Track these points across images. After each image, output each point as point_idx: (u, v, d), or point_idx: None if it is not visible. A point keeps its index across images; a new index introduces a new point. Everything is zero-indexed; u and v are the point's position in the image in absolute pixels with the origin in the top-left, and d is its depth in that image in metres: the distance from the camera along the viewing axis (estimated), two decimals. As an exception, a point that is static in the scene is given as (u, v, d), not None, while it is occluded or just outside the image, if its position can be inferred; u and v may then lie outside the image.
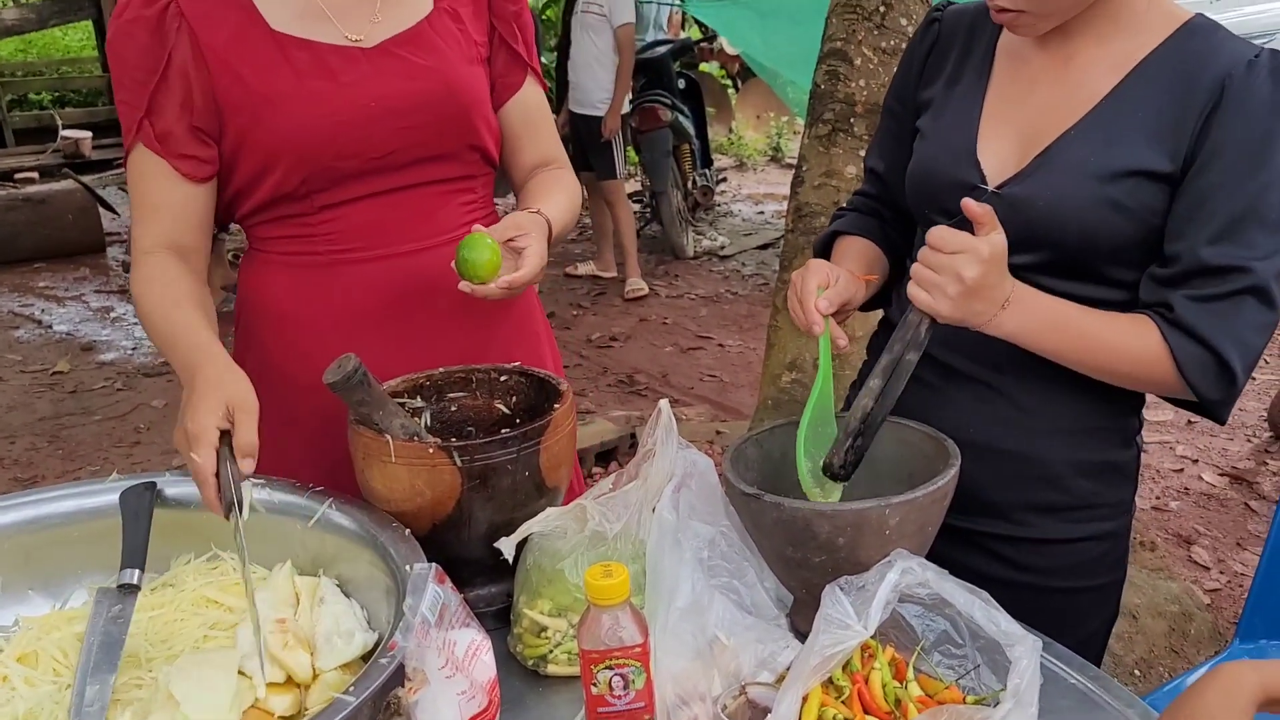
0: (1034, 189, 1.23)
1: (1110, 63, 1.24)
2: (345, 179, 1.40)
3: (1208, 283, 1.17)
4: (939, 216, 1.29)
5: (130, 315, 6.19)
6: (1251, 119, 1.16)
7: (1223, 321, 1.16)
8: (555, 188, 1.54)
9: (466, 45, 1.47)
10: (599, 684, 1.00)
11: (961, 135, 1.32)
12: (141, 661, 1.11)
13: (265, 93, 1.35)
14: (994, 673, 1.05)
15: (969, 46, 1.38)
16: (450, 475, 1.19)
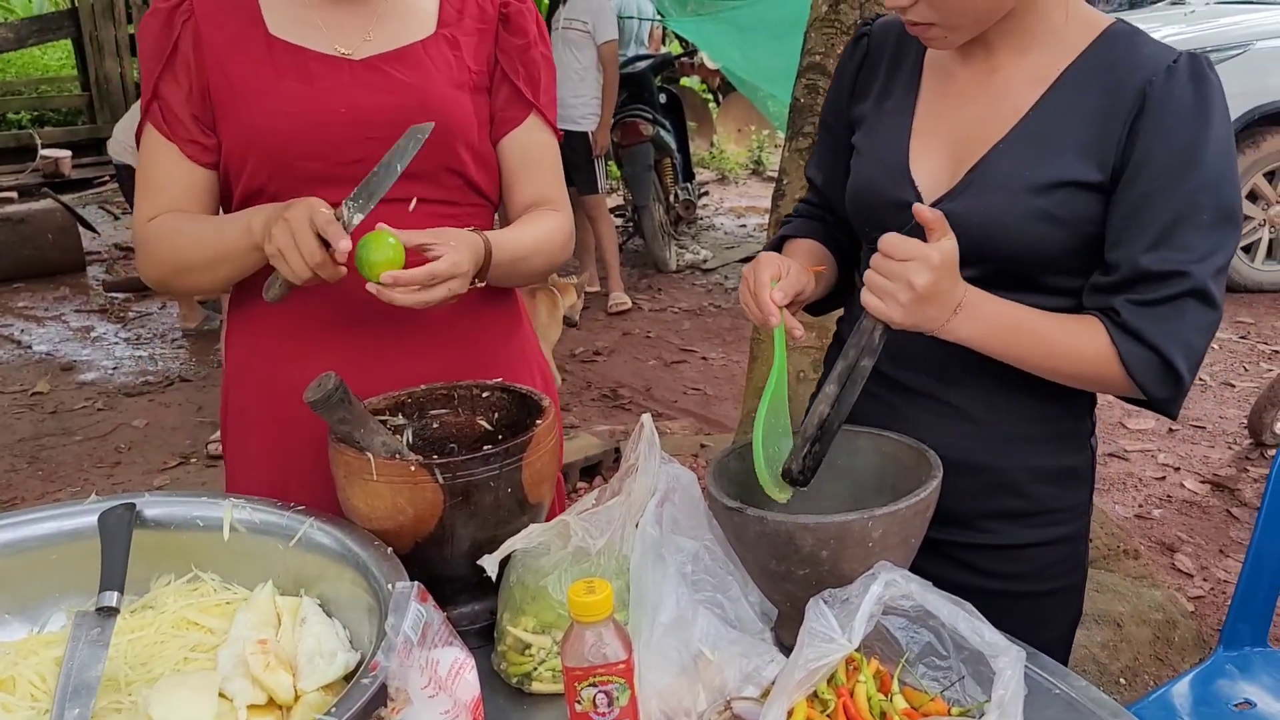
0: (968, 205, 1.25)
1: (1032, 74, 1.26)
2: (314, 183, 1.40)
3: (1149, 288, 1.19)
4: (878, 233, 1.28)
5: (111, 335, 6.15)
6: (1176, 125, 1.18)
7: (1166, 325, 1.19)
8: (527, 222, 1.53)
9: (458, 70, 1.47)
10: (583, 701, 0.99)
11: (894, 152, 1.33)
12: (121, 685, 1.09)
13: (243, 88, 1.41)
14: (979, 684, 1.05)
15: (897, 61, 1.39)
16: (432, 493, 1.19)
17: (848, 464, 1.29)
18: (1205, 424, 4.30)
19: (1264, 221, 5.88)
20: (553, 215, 1.55)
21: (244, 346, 1.54)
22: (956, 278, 1.17)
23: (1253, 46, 5.58)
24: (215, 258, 1.41)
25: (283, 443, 1.49)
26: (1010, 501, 1.34)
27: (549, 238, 1.52)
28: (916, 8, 1.21)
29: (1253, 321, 5.48)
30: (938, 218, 1.14)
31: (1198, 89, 1.18)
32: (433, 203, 1.47)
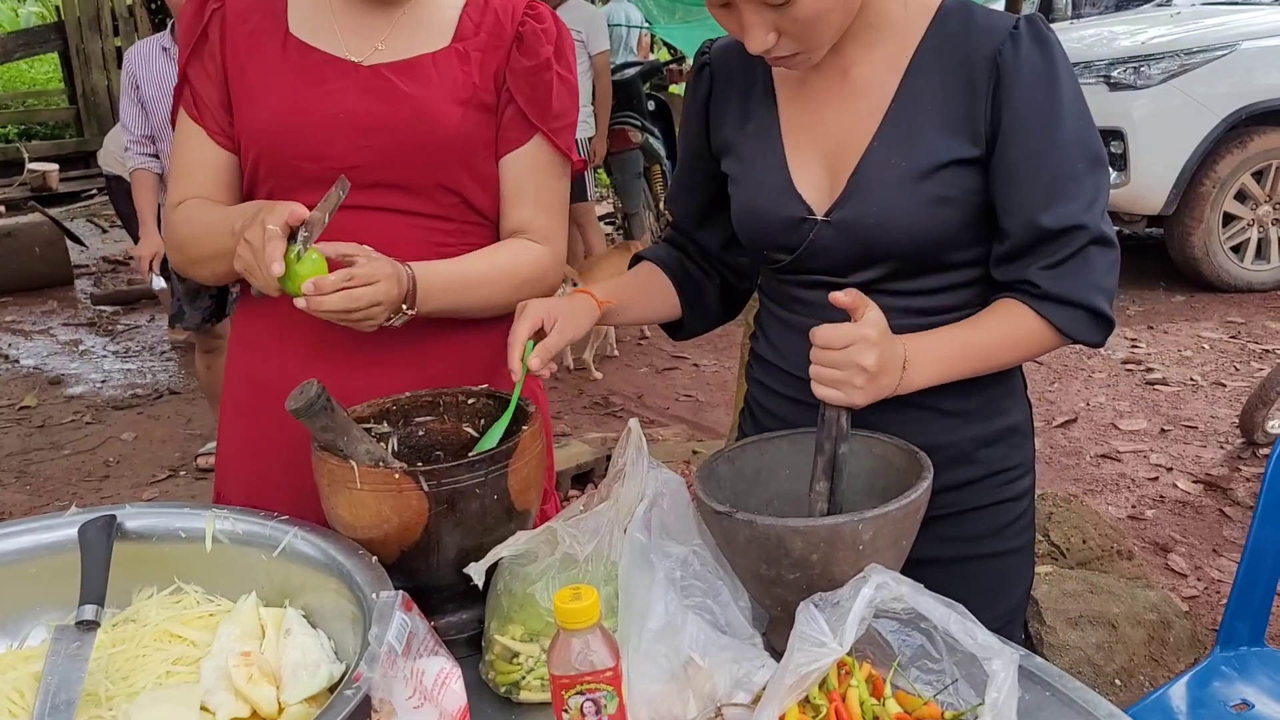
0: (859, 208, 1.27)
1: (884, 65, 1.28)
2: (309, 184, 1.40)
3: (1053, 248, 1.24)
4: (778, 254, 1.35)
5: (99, 348, 6.13)
6: (1033, 88, 1.23)
7: (1081, 279, 1.25)
8: (487, 250, 1.49)
9: (464, 86, 1.44)
10: (570, 710, 0.97)
11: (773, 172, 1.33)
12: (101, 700, 1.08)
13: (255, 83, 1.44)
14: (972, 686, 1.04)
15: (746, 81, 1.39)
16: (417, 501, 1.17)
17: (838, 466, 1.27)
18: (1197, 424, 4.30)
19: (1252, 221, 5.90)
20: (526, 245, 1.50)
21: (242, 337, 1.56)
22: (893, 340, 1.19)
23: (1239, 47, 5.60)
24: (214, 254, 1.43)
25: (264, 444, 1.49)
26: (961, 472, 1.36)
27: (508, 266, 1.47)
28: (780, 44, 1.21)
29: (1243, 321, 5.50)
30: (856, 297, 1.16)
31: (1043, 50, 1.23)
32: (426, 217, 1.45)
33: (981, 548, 1.40)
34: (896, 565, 1.13)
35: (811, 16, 1.18)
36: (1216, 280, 5.91)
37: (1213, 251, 5.84)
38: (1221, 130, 5.61)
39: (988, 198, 1.27)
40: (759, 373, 1.49)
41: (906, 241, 1.27)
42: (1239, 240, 5.91)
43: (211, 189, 1.48)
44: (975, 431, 1.36)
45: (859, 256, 1.29)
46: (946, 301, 1.32)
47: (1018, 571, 1.45)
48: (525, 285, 1.49)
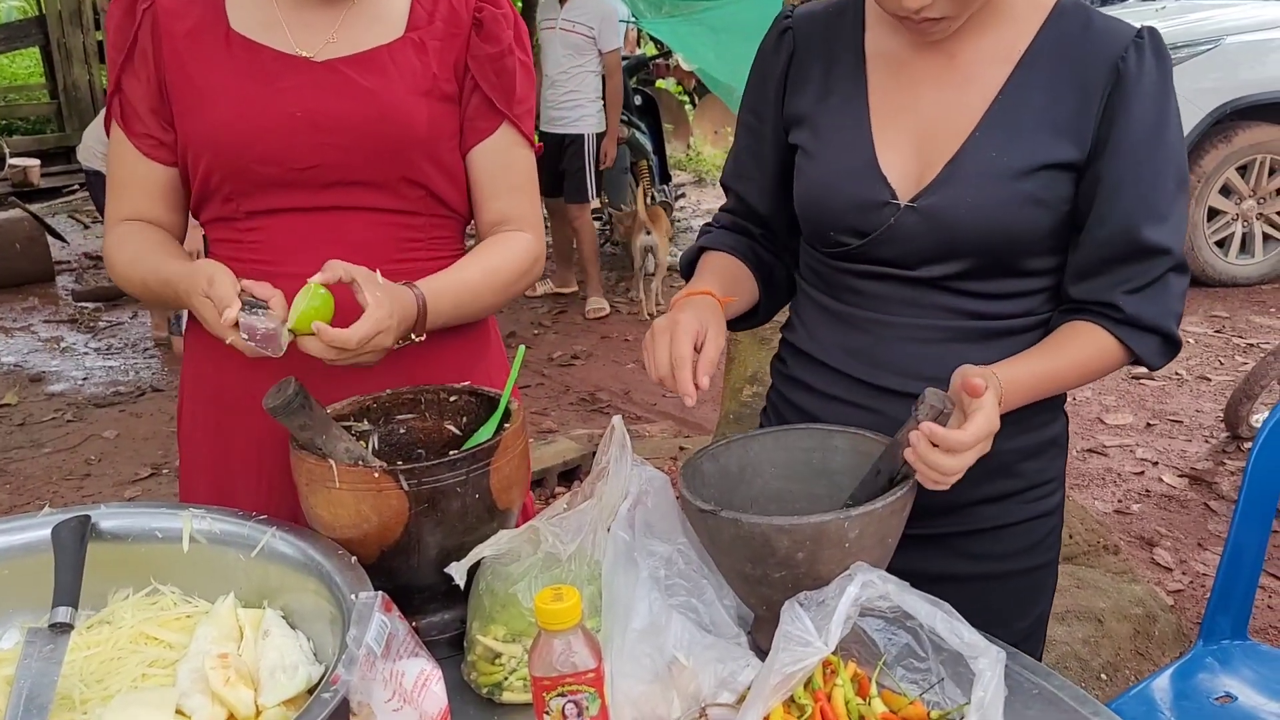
0: (952, 198, 1.22)
1: (994, 55, 1.24)
2: (269, 187, 1.38)
3: (1139, 269, 1.23)
4: (846, 237, 1.28)
5: (81, 345, 6.08)
6: (1148, 99, 1.20)
7: (1162, 304, 1.24)
8: (477, 253, 1.47)
9: (423, 77, 1.41)
10: (551, 712, 0.96)
11: (857, 151, 1.27)
12: (75, 703, 1.06)
13: (199, 85, 1.38)
14: (958, 685, 1.03)
15: (832, 54, 1.33)
16: (397, 500, 1.16)
17: (823, 464, 1.26)
18: (1182, 418, 4.32)
19: (1237, 216, 5.92)
20: (514, 238, 1.48)
21: (203, 351, 1.49)
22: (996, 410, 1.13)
23: (1223, 42, 5.62)
24: (151, 298, 1.43)
25: (229, 451, 1.46)
26: (1001, 484, 1.33)
27: (505, 266, 1.45)
28: (936, 4, 1.16)
29: (1227, 315, 5.52)
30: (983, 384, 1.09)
31: (1160, 64, 1.21)
32: (393, 213, 1.42)
33: (1014, 564, 1.37)
34: (882, 563, 1.12)
35: None
36: (1201, 275, 5.93)
37: (1198, 246, 5.86)
38: (1206, 125, 5.63)
39: (1071, 206, 1.24)
40: (793, 367, 1.42)
41: (993, 238, 1.23)
42: (1223, 235, 5.93)
43: (148, 206, 1.44)
44: (1018, 443, 1.31)
45: (938, 248, 1.24)
46: (1008, 309, 1.28)
47: (1045, 584, 1.43)
48: (521, 278, 1.48)
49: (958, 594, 1.22)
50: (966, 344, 1.27)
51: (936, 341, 1.27)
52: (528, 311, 6.45)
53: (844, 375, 1.33)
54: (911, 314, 1.28)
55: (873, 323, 1.30)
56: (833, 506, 1.19)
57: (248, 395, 1.35)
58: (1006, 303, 1.28)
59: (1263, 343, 5.04)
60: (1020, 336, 1.29)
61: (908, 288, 1.28)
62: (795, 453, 1.27)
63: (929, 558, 1.30)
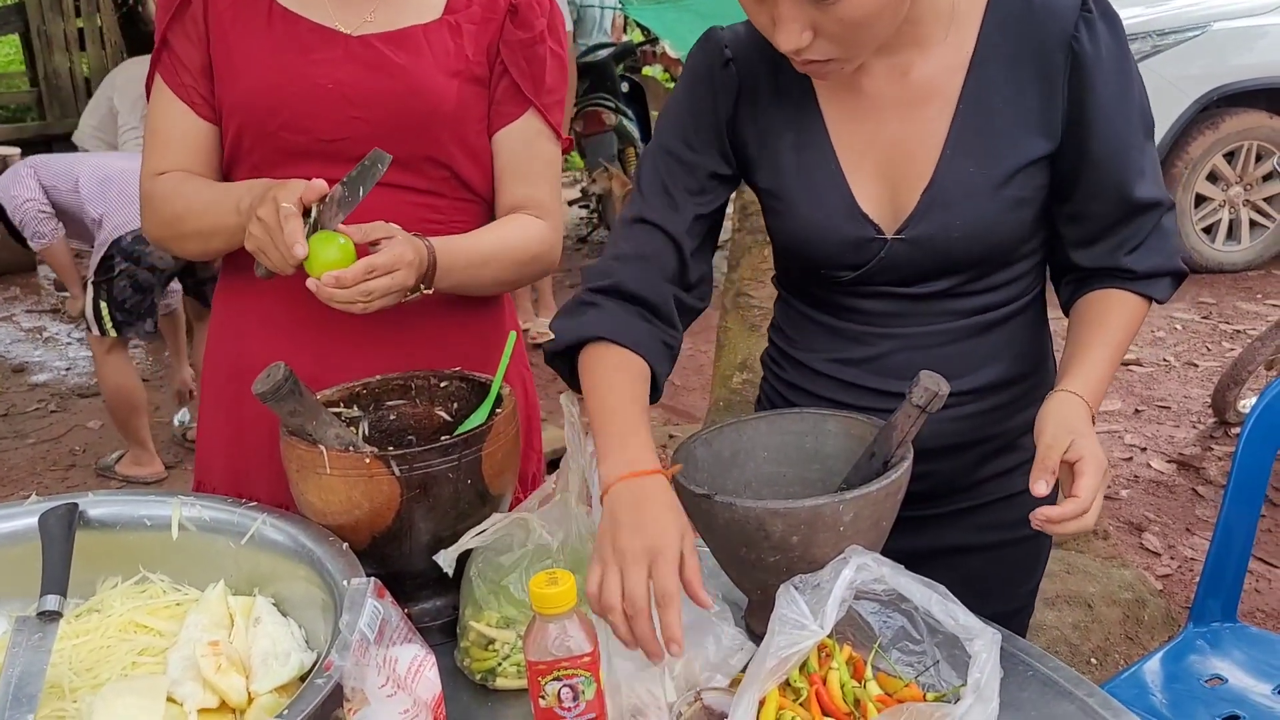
0: (940, 223, 1.20)
1: (945, 63, 1.19)
2: (295, 157, 1.38)
3: (1136, 227, 1.23)
4: (839, 272, 1.26)
5: (64, 335, 6.03)
6: (1109, 69, 1.18)
7: (1164, 251, 1.25)
8: (493, 226, 1.46)
9: (456, 59, 1.42)
10: (547, 696, 0.96)
11: (832, 192, 1.22)
12: (65, 692, 1.05)
13: (238, 51, 1.40)
14: (953, 668, 1.03)
15: (779, 88, 1.24)
16: (388, 486, 1.15)
17: (817, 448, 1.26)
18: (1170, 404, 4.33)
19: (1224, 202, 5.94)
20: (531, 221, 1.47)
21: (226, 322, 1.52)
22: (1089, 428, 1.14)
23: (1210, 28, 5.62)
24: (208, 229, 1.39)
25: (245, 426, 1.46)
26: (1009, 459, 1.34)
27: (518, 243, 1.45)
28: (815, 45, 1.07)
29: (1214, 302, 5.54)
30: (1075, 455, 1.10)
31: (1111, 26, 1.18)
32: (416, 192, 1.42)
33: (1021, 530, 1.33)
34: (877, 546, 1.12)
35: (858, 19, 1.05)
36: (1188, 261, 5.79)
37: (1185, 233, 5.87)
38: (1194, 111, 5.63)
39: (1053, 187, 1.23)
40: (789, 372, 1.39)
41: (991, 248, 1.22)
42: (1210, 222, 5.94)
43: (190, 162, 1.44)
44: (1018, 421, 1.31)
45: (933, 269, 1.23)
46: (1003, 296, 1.28)
47: (1045, 548, 1.45)
48: (534, 262, 1.47)
49: (972, 563, 1.34)
50: (969, 340, 1.27)
51: (940, 345, 1.27)
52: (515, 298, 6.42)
53: (844, 383, 1.31)
54: (915, 323, 1.27)
55: (876, 336, 1.29)
56: (826, 490, 1.19)
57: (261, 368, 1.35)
58: (1001, 291, 1.27)
59: (1249, 329, 5.06)
60: (1017, 319, 1.30)
61: (908, 302, 1.27)
62: (788, 437, 1.27)
63: (944, 533, 1.35)
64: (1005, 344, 1.29)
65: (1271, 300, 5.46)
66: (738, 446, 1.27)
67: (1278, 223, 5.95)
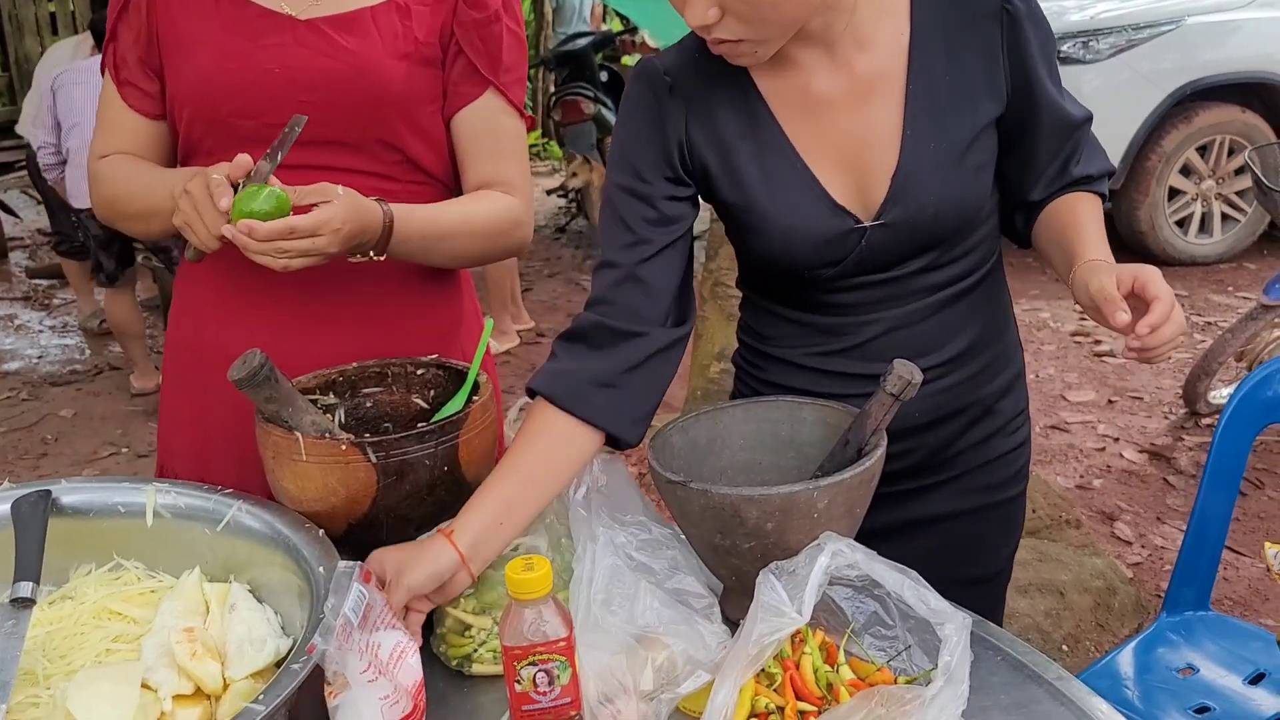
0: (916, 203, 1.22)
1: (885, 50, 1.21)
2: (247, 143, 1.35)
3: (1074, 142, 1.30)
4: (820, 270, 1.27)
5: (36, 322, 5.98)
6: (1038, 25, 1.25)
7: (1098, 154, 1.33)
8: (460, 199, 1.45)
9: (405, 40, 1.41)
10: (523, 681, 0.96)
11: (806, 192, 1.23)
12: (39, 679, 1.04)
13: (186, 38, 1.39)
14: (925, 652, 1.05)
15: (726, 100, 1.24)
16: (365, 472, 1.15)
17: (792, 435, 1.27)
18: (1142, 395, 4.38)
19: (1196, 196, 5.99)
20: (499, 196, 1.46)
21: (184, 305, 1.52)
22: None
23: (1184, 22, 5.66)
24: (147, 211, 1.40)
25: (209, 408, 1.46)
26: (984, 425, 1.38)
27: (483, 215, 1.44)
28: (723, 23, 1.10)
29: (1186, 294, 5.59)
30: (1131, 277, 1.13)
31: None
32: (369, 175, 1.41)
33: (1000, 494, 1.42)
34: (851, 532, 1.13)
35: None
36: (1162, 254, 6.00)
37: (1158, 225, 5.93)
38: (1167, 105, 5.68)
39: (1002, 143, 1.27)
40: (768, 370, 1.39)
41: (962, 220, 1.25)
42: (1182, 215, 6.00)
43: (133, 151, 1.45)
44: (992, 387, 1.36)
45: (913, 248, 1.25)
46: (974, 262, 1.31)
47: (1021, 510, 1.50)
48: (501, 236, 1.46)
49: (954, 528, 1.40)
50: (945, 311, 1.31)
51: (919, 321, 1.30)
52: (494, 289, 6.41)
53: (828, 373, 1.33)
54: (894, 305, 1.29)
55: (857, 325, 1.30)
56: (801, 478, 1.19)
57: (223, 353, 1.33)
58: (969, 259, 1.31)
59: (1221, 321, 5.11)
60: (984, 283, 1.35)
61: (886, 286, 1.28)
62: (764, 425, 1.28)
63: (930, 503, 1.39)
64: (977, 310, 1.33)
65: (1242, 293, 5.52)
66: (714, 434, 1.27)
67: (1249, 216, 6.01)
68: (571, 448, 1.18)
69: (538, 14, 10.72)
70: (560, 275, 6.74)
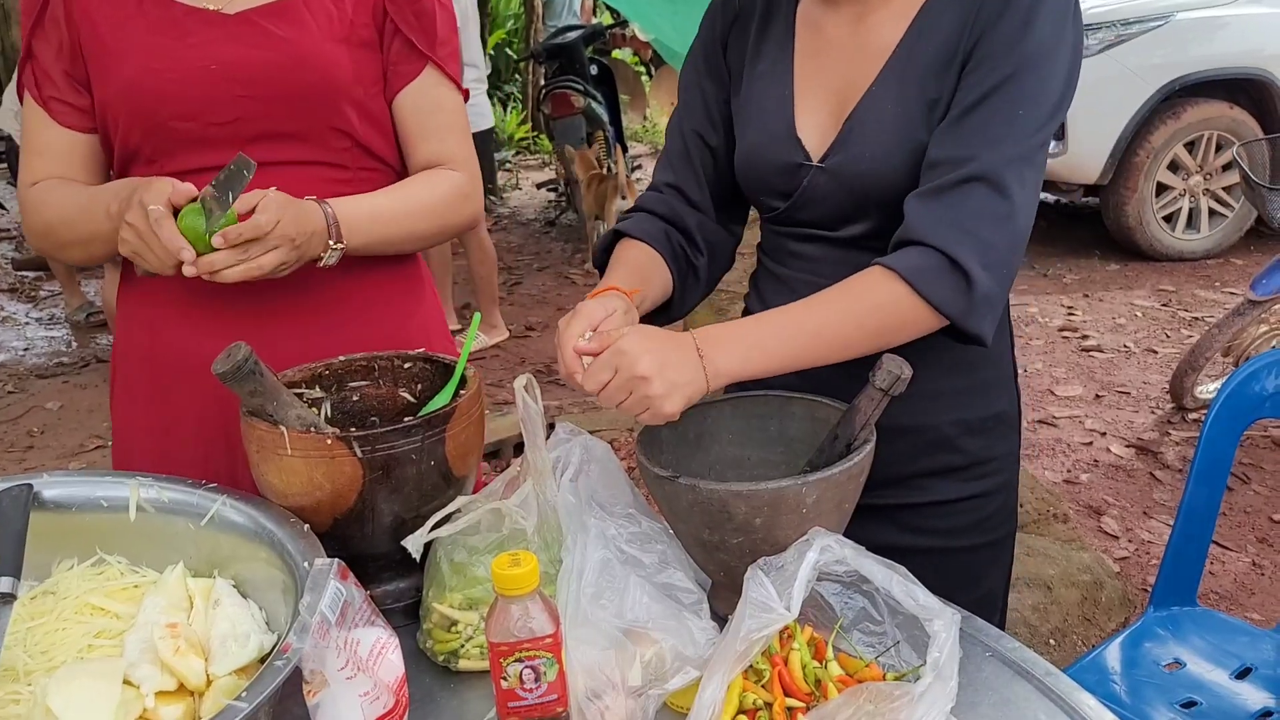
0: (852, 154, 1.22)
1: (897, 11, 1.24)
2: (190, 144, 1.35)
3: (931, 177, 1.14)
4: (774, 201, 1.31)
5: (22, 314, 5.94)
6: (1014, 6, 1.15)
7: (948, 215, 1.11)
8: (401, 184, 1.44)
9: (340, 25, 1.39)
10: (509, 678, 0.95)
11: (778, 115, 1.29)
12: (20, 674, 1.03)
13: (111, 44, 1.35)
14: (913, 648, 1.04)
15: (767, 21, 1.34)
16: (350, 467, 1.14)
17: (780, 430, 1.27)
18: (1129, 390, 4.39)
19: (1184, 191, 6.01)
20: (439, 173, 1.46)
21: (134, 315, 1.47)
22: (662, 337, 1.10)
23: (1173, 18, 5.68)
24: (85, 237, 1.36)
25: (167, 417, 1.44)
26: (943, 457, 1.33)
27: (427, 193, 1.43)
28: None
29: (1174, 289, 5.62)
30: (599, 340, 1.11)
31: None
32: (320, 165, 1.40)
33: (960, 540, 1.35)
34: (839, 528, 1.13)
35: None
36: (1149, 249, 6.02)
37: (1146, 221, 5.95)
38: (1156, 101, 5.70)
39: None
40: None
41: (898, 188, 1.19)
42: (1170, 210, 6.02)
43: (64, 170, 1.40)
44: (956, 417, 1.31)
45: (850, 207, 1.25)
46: None
47: (996, 560, 1.42)
48: (448, 211, 1.46)
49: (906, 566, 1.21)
50: None
51: None
52: (483, 283, 6.39)
53: None
54: (843, 274, 1.20)
55: (809, 285, 1.25)
56: (789, 473, 1.19)
57: (183, 360, 1.34)
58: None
59: (1207, 316, 5.13)
60: None
61: (836, 249, 1.29)
62: (752, 420, 1.27)
63: (872, 529, 1.24)
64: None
65: (1229, 288, 5.55)
66: (702, 429, 1.27)
67: (1236, 212, 6.04)
68: (664, 272, 1.35)
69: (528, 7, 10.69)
70: (550, 269, 6.73)
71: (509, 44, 12.12)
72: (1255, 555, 3.16)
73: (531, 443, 1.13)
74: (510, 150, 10.75)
